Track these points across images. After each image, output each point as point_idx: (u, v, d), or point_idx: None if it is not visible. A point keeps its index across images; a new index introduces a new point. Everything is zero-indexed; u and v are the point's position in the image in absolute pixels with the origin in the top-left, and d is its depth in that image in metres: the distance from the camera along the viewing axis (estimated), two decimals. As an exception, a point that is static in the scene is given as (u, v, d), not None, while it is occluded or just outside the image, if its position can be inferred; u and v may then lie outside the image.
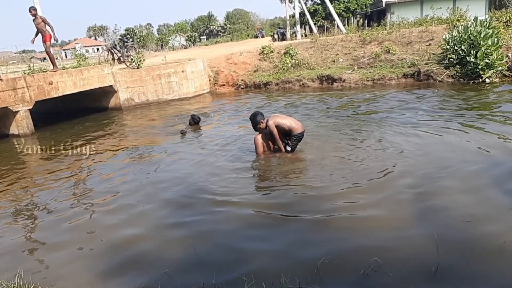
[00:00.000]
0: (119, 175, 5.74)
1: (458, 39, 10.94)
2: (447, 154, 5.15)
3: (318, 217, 3.82)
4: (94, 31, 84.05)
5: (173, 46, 56.91)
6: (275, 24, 62.05)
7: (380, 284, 2.75)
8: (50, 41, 10.36)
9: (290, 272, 2.86)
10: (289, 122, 5.47)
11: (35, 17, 10.14)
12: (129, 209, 4.47)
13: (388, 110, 8.21)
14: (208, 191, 4.69)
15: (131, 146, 7.44)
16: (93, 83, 11.16)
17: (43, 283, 3.07)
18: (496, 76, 10.36)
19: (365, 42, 14.23)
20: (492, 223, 3.42)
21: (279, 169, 5.23)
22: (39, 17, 10.19)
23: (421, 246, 3.18)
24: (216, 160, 5.84)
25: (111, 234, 3.96)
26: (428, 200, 3.96)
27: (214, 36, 69.90)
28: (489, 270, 2.80)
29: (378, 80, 12.02)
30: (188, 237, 3.69)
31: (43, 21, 10.18)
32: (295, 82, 13.19)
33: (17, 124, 9.29)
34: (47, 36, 10.26)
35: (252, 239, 3.56)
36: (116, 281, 3.11)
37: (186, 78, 13.23)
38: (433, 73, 11.32)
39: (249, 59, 15.16)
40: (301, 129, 5.49)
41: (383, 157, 5.27)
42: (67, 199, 5.02)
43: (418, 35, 13.61)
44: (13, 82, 9.06)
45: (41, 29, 10.19)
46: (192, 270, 3.15)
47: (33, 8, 10.16)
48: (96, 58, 18.84)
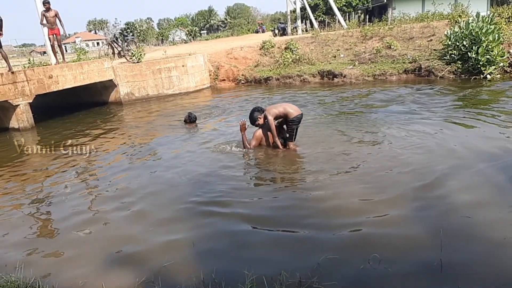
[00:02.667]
0: (119, 172, 5.71)
1: (460, 35, 10.91)
2: (448, 151, 5.14)
3: (319, 212, 3.82)
4: (94, 25, 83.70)
5: (174, 40, 56.78)
6: (276, 19, 61.84)
7: (379, 280, 2.75)
8: (60, 35, 11.01)
9: (291, 267, 2.86)
10: (283, 108, 5.37)
11: (49, 10, 10.60)
12: (129, 205, 4.45)
13: (387, 106, 8.19)
14: (209, 188, 4.70)
15: (131, 142, 7.40)
16: (93, 77, 11.13)
17: (43, 277, 3.07)
18: (498, 72, 10.34)
19: (366, 38, 14.18)
20: (493, 220, 3.42)
21: (274, 164, 5.24)
22: (53, 10, 10.73)
23: (422, 242, 3.18)
24: (215, 157, 5.82)
25: (111, 230, 3.95)
26: (428, 196, 3.95)
27: (215, 31, 69.66)
28: (490, 267, 2.80)
29: (379, 75, 11.99)
30: (188, 232, 3.69)
31: (56, 15, 10.78)
32: (296, 77, 13.15)
33: (17, 118, 9.27)
34: (57, 29, 10.89)
35: (252, 234, 3.56)
36: (116, 275, 3.11)
37: (187, 73, 13.19)
38: (434, 69, 11.29)
39: (250, 54, 15.11)
40: (297, 112, 5.36)
41: (383, 153, 5.26)
42: (67, 195, 5.01)
43: (420, 30, 13.56)
44: (13, 76, 9.03)
45: (52, 22, 10.73)
46: (191, 264, 3.15)
47: (47, 1, 10.51)
48: (96, 52, 18.76)
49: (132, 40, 15.40)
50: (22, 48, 43.14)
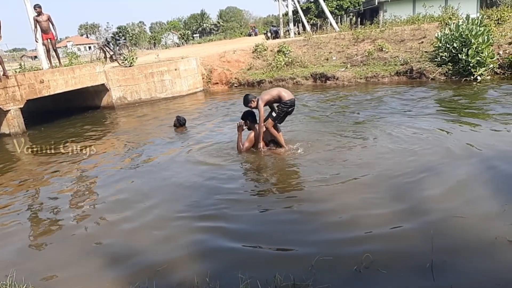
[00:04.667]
0: (111, 176, 5.70)
1: (450, 37, 11.03)
2: (439, 151, 5.19)
3: (311, 215, 3.83)
4: (85, 29, 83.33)
5: (166, 44, 56.70)
6: (268, 22, 62.07)
7: (372, 280, 2.76)
8: (54, 39, 10.96)
9: (285, 270, 2.86)
10: (277, 91, 5.59)
11: (41, 14, 10.46)
12: (122, 209, 4.44)
13: (378, 108, 8.24)
14: (203, 190, 4.69)
15: (123, 146, 7.37)
16: (85, 82, 11.06)
17: (35, 283, 3.04)
18: (488, 74, 10.46)
19: (358, 40, 14.28)
20: (484, 220, 3.45)
21: (269, 164, 5.25)
22: (45, 14, 10.60)
23: (413, 242, 3.20)
24: (209, 161, 5.82)
25: (104, 235, 3.93)
26: (419, 196, 3.98)
27: (207, 34, 69.74)
28: (481, 266, 2.83)
29: (371, 78, 12.07)
30: (182, 236, 3.68)
31: (48, 19, 10.66)
32: (289, 80, 13.19)
33: (8, 123, 9.18)
34: (51, 34, 10.82)
35: (246, 237, 3.55)
36: (109, 280, 3.08)
37: (179, 77, 13.16)
38: (425, 71, 11.39)
39: (243, 57, 15.13)
40: (290, 96, 5.53)
41: (375, 154, 5.29)
42: (58, 199, 4.97)
43: (411, 33, 13.69)
44: (4, 81, 8.94)
45: (46, 27, 10.62)
46: (185, 268, 3.13)
47: (38, 5, 10.39)
48: (88, 57, 18.67)
49: (124, 44, 15.36)
50: (13, 53, 42.81)
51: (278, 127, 5.76)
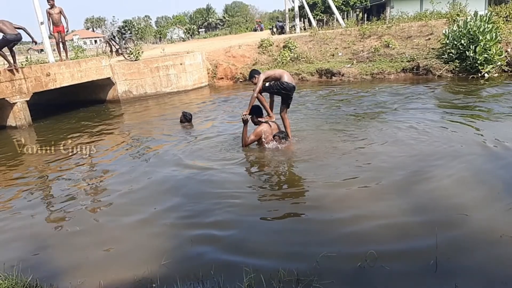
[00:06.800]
0: (116, 171, 5.72)
1: (458, 34, 10.92)
2: (445, 149, 5.16)
3: (316, 212, 3.84)
4: (92, 23, 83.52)
5: (171, 38, 56.67)
6: (274, 18, 61.84)
7: (376, 277, 2.76)
8: (64, 32, 10.98)
9: (289, 265, 2.87)
10: (281, 71, 5.78)
11: (53, 7, 10.57)
12: (125, 205, 4.46)
13: (385, 104, 8.20)
14: (206, 186, 4.72)
15: (127, 142, 7.35)
16: (91, 75, 11.10)
17: (41, 276, 3.07)
18: (495, 71, 10.36)
19: (365, 36, 14.18)
20: (489, 218, 3.43)
21: (274, 159, 5.26)
22: (58, 7, 10.68)
23: (418, 239, 3.19)
24: (214, 157, 5.83)
25: (108, 228, 3.95)
26: (424, 195, 3.97)
27: (213, 29, 69.61)
28: (486, 264, 2.81)
29: (377, 74, 12.00)
30: (186, 230, 3.69)
31: (61, 12, 10.75)
32: (294, 75, 13.12)
33: (15, 116, 9.24)
34: (62, 27, 10.86)
35: (251, 232, 3.56)
36: (113, 274, 3.10)
37: (185, 71, 13.16)
38: (432, 68, 11.31)
39: (248, 52, 15.09)
40: (290, 80, 5.65)
41: (378, 152, 5.27)
42: (63, 195, 5.01)
43: (418, 29, 13.57)
44: (10, 74, 8.99)
45: (57, 19, 10.69)
46: (189, 262, 3.15)
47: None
48: (94, 50, 18.69)
49: (130, 38, 15.38)
50: (19, 46, 42.96)
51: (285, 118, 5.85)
